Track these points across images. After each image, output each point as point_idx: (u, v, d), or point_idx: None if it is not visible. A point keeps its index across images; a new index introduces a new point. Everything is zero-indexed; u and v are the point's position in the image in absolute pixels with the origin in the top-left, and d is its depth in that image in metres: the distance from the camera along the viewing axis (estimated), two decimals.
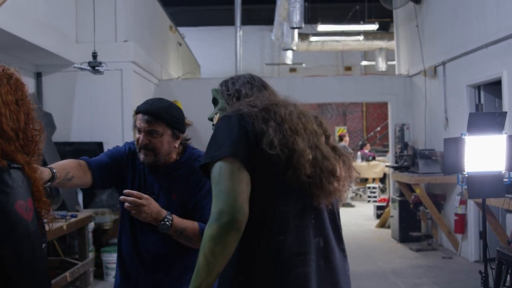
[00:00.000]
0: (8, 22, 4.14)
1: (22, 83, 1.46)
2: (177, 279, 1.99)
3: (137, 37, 6.28)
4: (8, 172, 1.32)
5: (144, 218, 1.83)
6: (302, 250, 1.38)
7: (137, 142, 1.96)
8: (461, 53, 5.76)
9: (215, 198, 1.35)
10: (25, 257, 1.32)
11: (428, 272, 5.36)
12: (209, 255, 1.31)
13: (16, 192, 1.32)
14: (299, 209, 1.41)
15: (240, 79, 1.65)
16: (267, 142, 1.38)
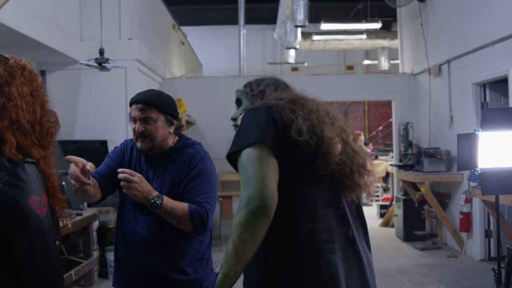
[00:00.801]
0: (14, 20, 4.13)
1: (36, 74, 1.44)
2: (170, 264, 2.03)
3: (141, 35, 6.26)
4: (22, 167, 1.29)
5: (136, 196, 1.93)
6: (331, 238, 1.39)
7: (134, 131, 2.06)
8: (466, 51, 5.74)
9: (244, 184, 1.34)
10: (38, 253, 1.30)
11: (434, 271, 5.34)
12: (238, 242, 1.30)
13: (30, 187, 1.29)
14: (327, 197, 1.41)
15: (265, 81, 1.66)
16: (295, 129, 1.39)
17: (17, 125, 1.33)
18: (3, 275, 1.28)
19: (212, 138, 7.17)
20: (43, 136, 1.41)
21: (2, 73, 1.35)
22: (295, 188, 1.38)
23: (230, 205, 6.57)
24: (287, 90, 1.63)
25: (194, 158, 2.09)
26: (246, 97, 1.66)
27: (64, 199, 1.49)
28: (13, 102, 1.33)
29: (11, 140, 1.30)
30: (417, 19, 7.13)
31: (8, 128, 1.31)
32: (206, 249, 2.14)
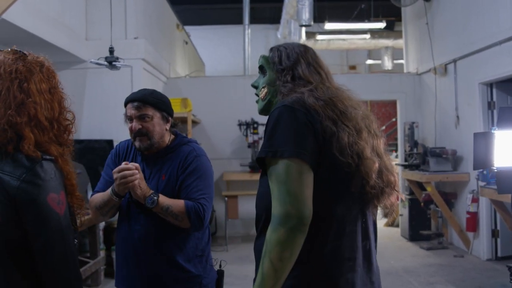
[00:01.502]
0: (21, 18, 4.12)
1: (53, 71, 1.42)
2: (170, 261, 2.03)
3: (146, 34, 6.25)
4: (40, 164, 1.28)
5: (136, 192, 1.93)
6: (353, 256, 1.37)
7: (131, 130, 2.07)
8: (473, 50, 5.73)
9: (279, 198, 1.28)
10: (56, 252, 1.28)
11: (441, 270, 5.33)
12: (277, 261, 1.24)
13: (48, 185, 1.28)
14: (354, 214, 1.38)
15: (295, 52, 1.52)
16: (337, 147, 1.33)
17: (35, 122, 1.32)
18: (20, 273, 1.27)
19: (217, 138, 7.16)
20: (61, 133, 1.39)
21: (21, 69, 1.33)
22: (325, 204, 1.34)
23: (235, 204, 6.55)
24: (318, 68, 1.50)
25: (190, 155, 2.10)
26: (272, 68, 1.53)
27: (81, 197, 1.47)
28: (32, 98, 1.32)
29: (29, 136, 1.29)
30: (422, 19, 7.11)
31: (26, 124, 1.30)
32: (205, 246, 2.14)
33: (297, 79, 1.47)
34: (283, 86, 1.47)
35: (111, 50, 3.83)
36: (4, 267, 1.25)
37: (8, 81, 1.31)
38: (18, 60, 1.35)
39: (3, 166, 1.27)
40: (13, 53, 1.38)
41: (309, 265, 1.33)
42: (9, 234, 1.25)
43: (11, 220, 1.25)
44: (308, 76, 1.47)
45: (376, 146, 1.44)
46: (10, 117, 1.28)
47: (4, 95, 1.30)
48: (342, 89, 1.50)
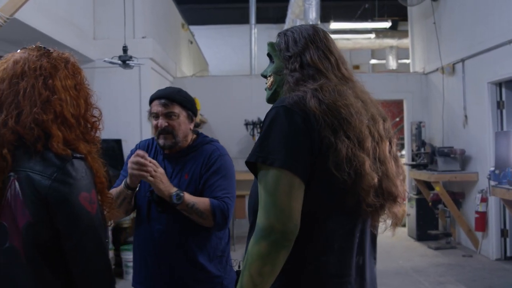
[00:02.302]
0: (32, 17, 4.10)
1: (79, 67, 1.40)
2: (192, 261, 2.00)
3: (154, 34, 6.23)
4: (71, 162, 1.26)
5: (159, 189, 1.91)
6: (341, 273, 1.27)
7: (156, 128, 2.05)
8: (482, 49, 5.71)
9: (264, 210, 1.20)
10: (89, 251, 1.26)
11: (450, 270, 5.32)
12: (257, 276, 1.17)
13: (80, 184, 1.26)
14: (347, 229, 1.28)
15: (303, 35, 1.39)
16: (334, 161, 1.21)
17: (61, 119, 1.29)
18: (53, 274, 1.25)
19: (223, 137, 7.13)
20: (88, 130, 1.37)
21: (46, 66, 1.32)
22: (313, 218, 1.24)
23: (243, 204, 6.54)
24: (327, 53, 1.38)
25: (213, 154, 2.08)
26: (279, 55, 1.41)
27: (111, 195, 1.45)
28: (57, 95, 1.30)
29: (57, 134, 1.27)
30: (429, 18, 7.10)
31: (53, 122, 1.28)
32: (225, 246, 2.12)
33: (306, 67, 1.35)
34: (290, 75, 1.36)
35: (124, 49, 3.82)
36: (36, 268, 1.23)
37: (33, 78, 1.29)
38: (43, 56, 1.33)
39: (33, 165, 1.24)
40: (37, 50, 1.36)
41: (292, 281, 1.26)
42: (41, 235, 1.23)
43: (42, 220, 1.23)
44: (318, 62, 1.35)
45: (381, 152, 1.32)
46: (36, 114, 1.26)
47: (29, 92, 1.28)
48: (352, 82, 1.38)
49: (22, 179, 1.23)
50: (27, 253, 1.22)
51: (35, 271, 1.23)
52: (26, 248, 1.22)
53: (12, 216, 1.23)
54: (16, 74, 1.30)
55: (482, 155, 5.87)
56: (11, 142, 1.26)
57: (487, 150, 5.71)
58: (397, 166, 1.38)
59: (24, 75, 1.29)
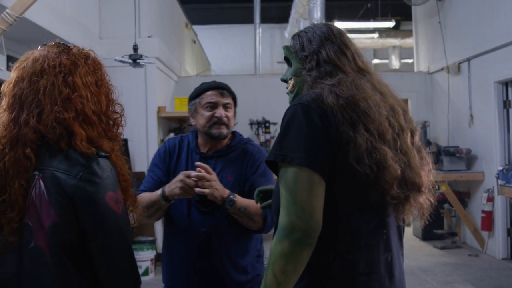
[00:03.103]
0: (39, 16, 4.09)
1: (100, 63, 1.37)
2: (234, 264, 1.93)
3: (159, 33, 6.22)
4: (96, 161, 1.24)
5: (213, 194, 1.80)
6: (368, 270, 1.26)
7: (210, 118, 1.96)
8: (488, 49, 5.71)
9: (285, 208, 1.20)
10: (115, 252, 1.24)
11: (457, 269, 5.31)
12: (280, 274, 1.17)
13: (106, 183, 1.24)
14: (373, 226, 1.27)
15: (317, 34, 1.38)
16: (354, 155, 1.21)
17: (83, 117, 1.27)
18: (79, 274, 1.24)
19: None
20: (110, 127, 1.34)
21: (65, 62, 1.29)
22: (337, 216, 1.23)
23: None
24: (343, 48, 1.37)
25: (258, 155, 2.03)
26: (295, 57, 1.40)
27: (135, 193, 1.42)
28: (78, 92, 1.27)
29: (80, 132, 1.25)
30: (434, 17, 7.10)
31: (75, 120, 1.25)
32: (261, 245, 2.09)
33: (323, 64, 1.34)
34: (308, 75, 1.35)
35: (135, 48, 3.80)
36: (62, 268, 1.21)
37: (53, 76, 1.27)
38: (62, 53, 1.31)
39: (58, 164, 1.22)
40: (57, 47, 1.34)
41: (319, 280, 1.25)
42: (66, 234, 1.21)
43: (68, 220, 1.21)
44: (334, 58, 1.35)
45: (402, 143, 1.31)
46: (57, 113, 1.24)
47: (49, 90, 1.26)
48: (369, 75, 1.37)
49: (47, 178, 1.21)
50: (53, 253, 1.20)
51: (61, 271, 1.21)
52: (52, 248, 1.20)
53: (37, 215, 1.21)
54: (36, 72, 1.27)
55: (488, 154, 5.86)
56: (33, 141, 1.24)
57: (493, 149, 5.71)
58: (420, 156, 1.37)
59: (43, 72, 1.27)
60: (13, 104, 1.28)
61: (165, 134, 6.24)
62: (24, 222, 1.22)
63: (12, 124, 1.26)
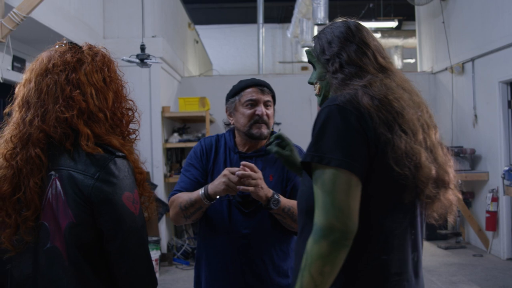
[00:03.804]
0: (45, 16, 4.08)
1: (110, 60, 1.36)
2: (277, 267, 1.88)
3: (163, 33, 6.21)
4: (113, 161, 1.23)
5: (258, 193, 1.73)
6: (400, 270, 1.27)
7: (251, 116, 1.89)
8: (492, 49, 5.70)
9: (323, 209, 1.19)
10: (132, 254, 1.23)
11: (462, 270, 5.30)
12: (318, 276, 1.16)
13: (123, 183, 1.23)
14: (405, 226, 1.28)
15: (335, 35, 1.38)
16: (393, 157, 1.21)
17: (88, 114, 1.25)
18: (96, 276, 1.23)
19: None
20: (118, 124, 1.32)
21: (70, 60, 1.28)
22: (372, 216, 1.24)
23: None
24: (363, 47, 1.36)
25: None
26: (318, 62, 1.41)
27: (150, 188, 1.41)
28: (81, 90, 1.26)
29: (85, 132, 1.23)
30: (438, 17, 7.09)
31: (78, 118, 1.24)
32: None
33: (346, 66, 1.34)
34: (333, 78, 1.35)
35: (142, 48, 3.80)
36: (79, 269, 1.21)
37: (55, 74, 1.26)
38: (68, 52, 1.31)
39: (75, 164, 1.21)
40: (65, 46, 1.34)
41: (353, 280, 1.25)
42: (83, 236, 1.20)
43: (85, 221, 1.20)
44: (356, 59, 1.34)
45: (430, 140, 1.32)
46: (58, 112, 1.23)
47: (51, 89, 1.25)
48: (391, 72, 1.37)
49: (64, 178, 1.21)
50: (70, 254, 1.20)
51: (77, 272, 1.20)
52: (69, 249, 1.20)
53: (53, 216, 1.20)
54: (41, 72, 1.28)
55: (492, 154, 5.86)
56: (41, 141, 1.23)
57: (498, 149, 5.70)
58: (444, 153, 1.37)
59: (47, 72, 1.27)
60: (22, 105, 1.28)
61: (168, 134, 6.23)
62: (40, 222, 1.22)
63: (22, 123, 1.26)
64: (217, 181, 1.75)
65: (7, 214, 1.22)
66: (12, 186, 1.21)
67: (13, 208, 1.22)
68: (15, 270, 1.25)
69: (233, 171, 1.72)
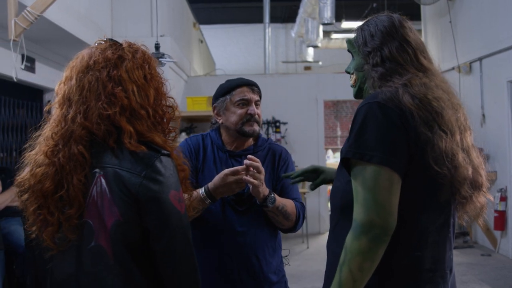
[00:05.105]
0: (56, 15, 4.07)
1: (150, 57, 1.35)
2: (269, 264, 1.91)
3: (171, 32, 6.20)
4: (159, 159, 1.21)
5: (257, 190, 1.76)
6: (434, 267, 1.28)
7: (243, 115, 1.91)
8: (501, 48, 5.70)
9: (364, 206, 1.20)
10: (178, 251, 1.22)
11: (471, 269, 5.30)
12: (357, 272, 1.18)
13: (170, 181, 1.22)
14: (439, 224, 1.29)
15: (379, 29, 1.38)
16: (433, 156, 1.22)
17: (130, 111, 1.24)
18: (142, 274, 1.21)
19: None
20: (159, 121, 1.31)
21: (111, 57, 1.27)
22: (408, 213, 1.25)
23: None
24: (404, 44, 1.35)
25: (284, 154, 2.02)
26: (358, 52, 1.41)
27: (190, 186, 1.39)
28: (123, 86, 1.25)
29: (127, 129, 1.22)
30: (444, 17, 7.09)
31: (121, 115, 1.23)
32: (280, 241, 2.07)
33: (387, 61, 1.34)
34: (373, 71, 1.35)
35: (157, 47, 3.78)
36: (125, 268, 1.19)
37: (97, 71, 1.25)
38: (108, 48, 1.30)
39: (120, 162, 1.20)
40: (105, 43, 1.33)
41: (386, 276, 1.26)
42: (130, 234, 1.19)
43: (131, 219, 1.19)
44: (397, 56, 1.34)
45: (465, 142, 1.33)
46: (101, 109, 1.22)
47: (93, 86, 1.24)
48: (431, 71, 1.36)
49: (110, 176, 1.19)
50: (116, 253, 1.18)
51: (123, 271, 1.19)
52: (114, 248, 1.18)
53: (98, 214, 1.19)
54: (82, 69, 1.26)
55: (501, 154, 5.85)
56: (83, 138, 1.21)
57: (506, 148, 5.70)
58: (477, 155, 1.38)
59: (88, 68, 1.26)
60: (63, 102, 1.27)
61: None
62: (84, 220, 1.20)
63: (63, 121, 1.25)
64: (220, 182, 1.75)
65: (49, 211, 1.21)
66: (55, 184, 1.20)
67: (56, 205, 1.20)
68: (56, 268, 1.24)
69: (234, 172, 1.74)
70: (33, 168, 1.25)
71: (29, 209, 1.24)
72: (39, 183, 1.21)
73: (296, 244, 6.54)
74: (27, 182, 1.25)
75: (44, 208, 1.21)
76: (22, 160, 1.31)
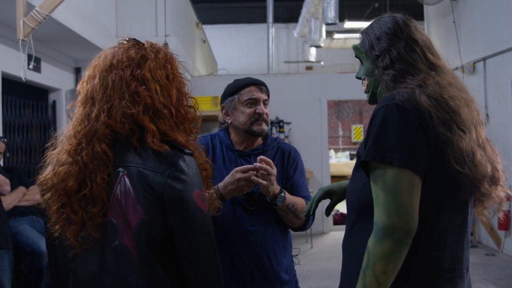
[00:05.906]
0: (63, 15, 4.08)
1: (172, 57, 1.37)
2: (281, 263, 1.91)
3: (175, 32, 6.21)
4: (183, 159, 1.22)
5: (268, 189, 1.77)
6: (453, 267, 1.28)
7: (251, 115, 1.91)
8: (505, 48, 5.71)
9: (385, 209, 1.20)
10: (202, 251, 1.23)
11: (476, 269, 5.30)
12: (381, 275, 1.18)
13: (193, 181, 1.22)
14: (457, 223, 1.29)
15: (383, 31, 1.37)
16: (454, 156, 1.22)
17: (153, 110, 1.24)
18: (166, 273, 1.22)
19: None
20: (182, 121, 1.31)
21: (133, 56, 1.28)
22: (428, 214, 1.25)
23: None
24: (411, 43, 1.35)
25: (293, 153, 2.02)
26: (366, 57, 1.40)
27: (211, 184, 1.40)
28: (147, 86, 1.25)
29: (150, 128, 1.22)
30: (448, 17, 7.10)
31: (144, 114, 1.23)
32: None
33: (396, 62, 1.33)
34: (384, 74, 1.34)
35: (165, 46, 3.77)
36: (149, 267, 1.20)
37: (121, 70, 1.25)
38: (131, 48, 1.31)
39: (144, 161, 1.20)
40: (128, 43, 1.34)
41: (405, 277, 1.25)
42: (154, 233, 1.19)
43: (155, 218, 1.19)
44: (406, 55, 1.34)
45: (480, 138, 1.33)
46: (125, 108, 1.22)
47: (117, 84, 1.24)
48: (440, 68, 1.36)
49: (134, 175, 1.19)
50: (140, 252, 1.18)
51: (147, 271, 1.19)
52: (139, 247, 1.18)
53: (122, 213, 1.19)
54: (106, 68, 1.27)
55: (505, 153, 5.80)
56: (106, 136, 1.22)
57: (511, 148, 5.70)
58: (491, 149, 1.38)
59: (112, 67, 1.26)
60: (86, 101, 1.28)
61: None
62: (107, 219, 1.20)
63: (86, 119, 1.25)
64: (231, 182, 1.76)
65: (72, 210, 1.21)
66: (78, 182, 1.20)
67: (79, 204, 1.21)
68: (79, 267, 1.25)
69: (244, 169, 1.75)
70: (56, 167, 1.26)
71: (52, 208, 1.24)
72: (62, 182, 1.22)
73: (300, 244, 6.54)
74: (50, 181, 1.25)
75: (67, 206, 1.22)
76: (44, 159, 1.32)
